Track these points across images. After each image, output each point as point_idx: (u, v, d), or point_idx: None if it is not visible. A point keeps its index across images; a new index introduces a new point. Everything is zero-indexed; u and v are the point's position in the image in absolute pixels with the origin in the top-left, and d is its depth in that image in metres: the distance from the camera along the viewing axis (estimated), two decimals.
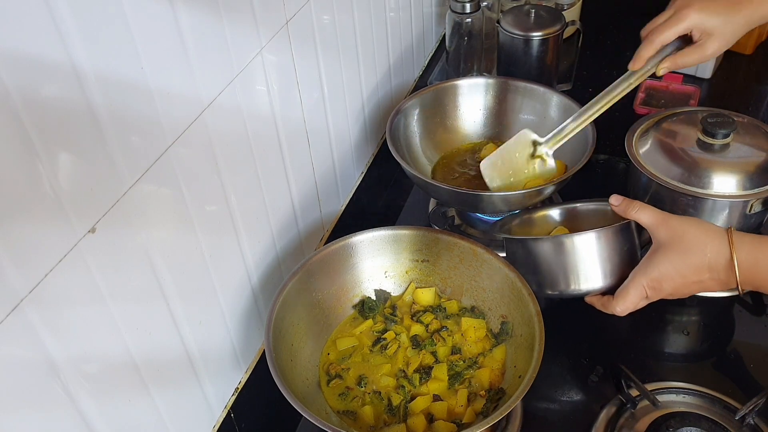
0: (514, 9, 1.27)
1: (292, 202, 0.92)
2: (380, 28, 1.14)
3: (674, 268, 0.78)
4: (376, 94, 1.16)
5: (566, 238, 0.85)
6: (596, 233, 0.84)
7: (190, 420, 0.75)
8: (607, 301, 0.83)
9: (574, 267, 0.85)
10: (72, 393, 0.56)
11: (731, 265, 0.75)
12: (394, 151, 1.02)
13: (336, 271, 0.91)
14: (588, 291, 0.86)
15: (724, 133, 0.92)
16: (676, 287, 0.79)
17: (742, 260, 0.75)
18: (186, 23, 0.63)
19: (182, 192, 0.67)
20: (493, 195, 0.99)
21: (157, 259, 0.65)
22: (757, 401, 0.82)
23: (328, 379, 0.86)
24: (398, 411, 0.82)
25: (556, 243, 0.85)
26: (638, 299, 0.81)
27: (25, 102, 0.47)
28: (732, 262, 0.75)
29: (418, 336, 0.89)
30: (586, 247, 0.84)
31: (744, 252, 0.75)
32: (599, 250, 0.84)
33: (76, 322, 0.55)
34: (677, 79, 1.34)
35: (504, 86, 1.16)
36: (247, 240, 0.81)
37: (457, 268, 0.92)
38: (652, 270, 0.79)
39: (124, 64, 0.57)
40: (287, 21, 0.82)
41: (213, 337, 0.77)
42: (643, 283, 0.80)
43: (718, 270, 0.76)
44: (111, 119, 0.56)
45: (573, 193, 1.06)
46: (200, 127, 0.68)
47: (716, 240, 0.76)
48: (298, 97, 0.89)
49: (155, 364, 0.67)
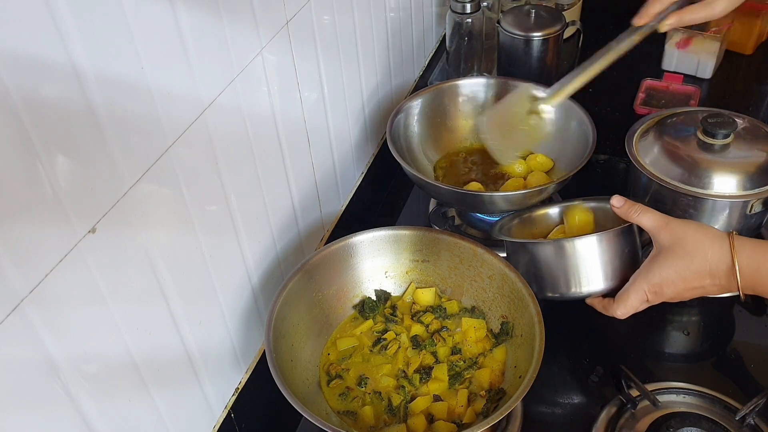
0: (514, 9, 1.27)
1: (292, 202, 0.92)
2: (380, 28, 1.14)
3: (676, 272, 0.78)
4: (376, 94, 1.16)
5: (567, 241, 0.85)
6: (598, 236, 0.84)
7: (190, 420, 0.75)
8: (608, 303, 0.83)
9: (575, 270, 0.85)
10: (72, 393, 0.56)
11: (732, 270, 0.75)
12: (394, 151, 1.02)
13: (336, 271, 0.91)
14: (589, 294, 0.86)
15: (725, 134, 0.92)
16: (678, 292, 0.79)
17: (743, 265, 0.75)
18: (186, 23, 0.63)
19: (182, 192, 0.67)
20: (494, 195, 0.99)
21: (157, 259, 0.65)
22: (758, 401, 0.82)
23: (328, 379, 0.86)
24: (398, 411, 0.82)
25: (557, 246, 0.85)
26: (639, 303, 0.81)
27: (25, 102, 0.47)
28: (733, 267, 0.75)
29: (419, 336, 0.89)
30: (587, 250, 0.84)
31: (745, 257, 0.75)
32: (600, 253, 0.84)
33: (76, 322, 0.55)
34: (677, 79, 1.34)
35: (504, 86, 1.15)
36: (247, 240, 0.81)
37: (457, 268, 0.92)
38: (653, 274, 0.79)
39: (124, 64, 0.57)
40: (287, 21, 0.82)
41: (213, 337, 0.77)
42: (644, 287, 0.80)
43: (720, 275, 0.76)
44: (111, 119, 0.56)
45: (573, 193, 1.06)
46: (200, 127, 0.68)
47: (718, 245, 0.76)
48: (298, 97, 0.89)
49: (155, 364, 0.67)
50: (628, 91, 1.34)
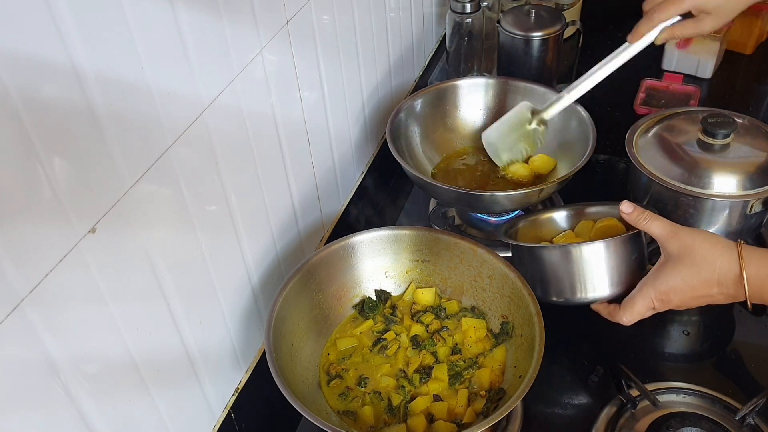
0: (514, 9, 1.27)
1: (292, 202, 0.92)
2: (380, 28, 1.14)
3: (683, 281, 0.78)
4: (376, 94, 1.16)
5: (574, 247, 0.84)
6: (605, 242, 0.83)
7: (190, 420, 0.75)
8: (613, 309, 0.83)
9: (581, 276, 0.84)
10: (72, 393, 0.56)
11: (741, 280, 0.75)
12: (394, 151, 1.02)
13: (336, 271, 0.91)
14: (594, 300, 0.85)
15: (725, 133, 0.92)
16: (685, 300, 0.79)
17: (751, 275, 0.75)
18: (186, 23, 0.63)
19: (182, 192, 0.67)
20: (494, 195, 0.99)
21: (157, 259, 0.65)
22: (758, 401, 0.82)
23: (328, 379, 0.86)
24: (398, 411, 0.82)
25: (564, 251, 0.85)
26: (645, 310, 0.81)
27: (25, 102, 0.47)
28: (741, 276, 0.75)
29: (418, 336, 0.89)
30: (594, 257, 0.83)
31: (753, 266, 0.75)
32: (607, 260, 0.83)
33: (76, 322, 0.55)
34: (677, 79, 1.34)
35: (504, 86, 1.16)
36: (247, 240, 0.81)
37: (457, 268, 0.92)
38: (660, 282, 0.79)
39: (124, 64, 0.57)
40: (287, 21, 0.82)
41: (213, 337, 0.77)
42: (651, 294, 0.80)
43: (728, 284, 0.76)
44: (111, 119, 0.56)
45: (573, 193, 1.06)
46: (200, 127, 0.68)
47: (726, 254, 0.76)
48: (298, 97, 0.89)
49: (155, 364, 0.67)
50: (628, 91, 1.34)
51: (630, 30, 0.94)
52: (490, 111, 1.17)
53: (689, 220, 0.93)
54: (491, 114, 1.17)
